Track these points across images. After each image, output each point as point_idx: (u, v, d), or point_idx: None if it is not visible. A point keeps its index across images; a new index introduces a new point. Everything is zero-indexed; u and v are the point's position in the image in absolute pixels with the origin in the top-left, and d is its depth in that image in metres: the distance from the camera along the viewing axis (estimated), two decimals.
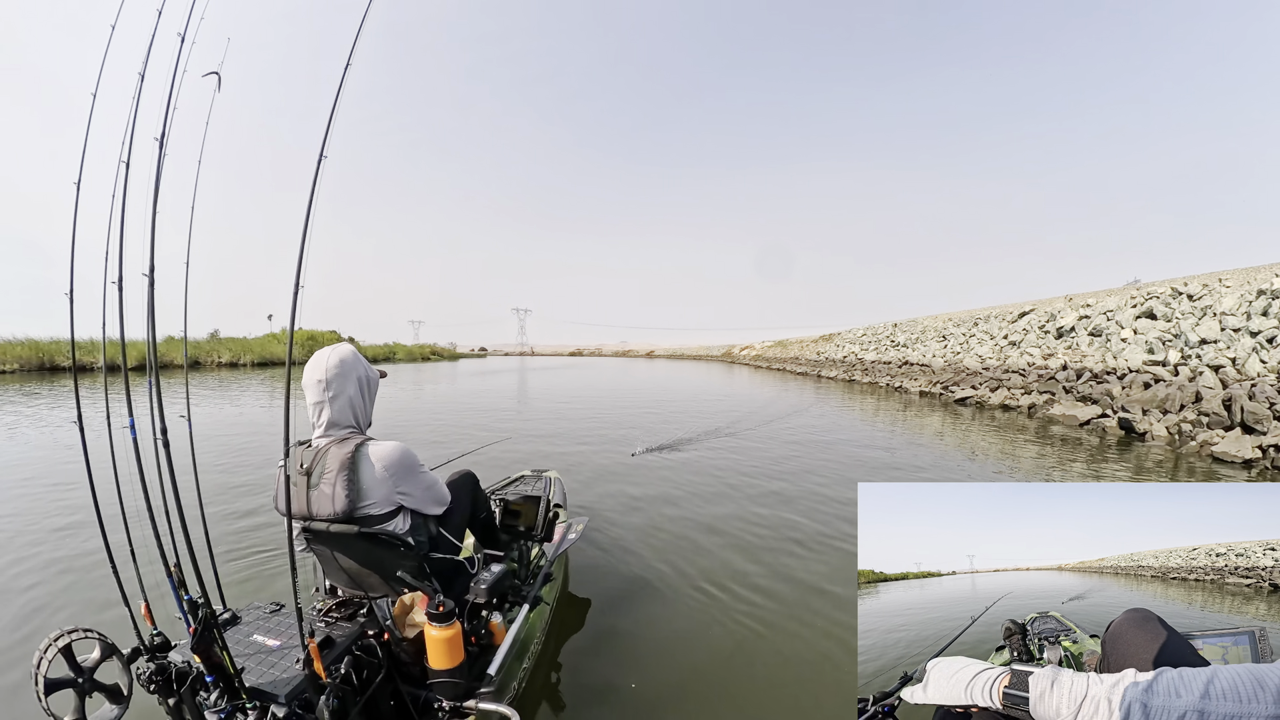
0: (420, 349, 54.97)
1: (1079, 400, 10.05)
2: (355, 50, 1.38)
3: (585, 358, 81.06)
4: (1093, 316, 14.84)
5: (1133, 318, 13.16)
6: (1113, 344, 12.36)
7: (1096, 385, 10.21)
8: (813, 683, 2.18)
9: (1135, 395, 9.05)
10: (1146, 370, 9.95)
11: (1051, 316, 17.22)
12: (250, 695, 1.30)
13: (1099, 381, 10.45)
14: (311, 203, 1.26)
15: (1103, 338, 13.10)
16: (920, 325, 29.04)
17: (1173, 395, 8.39)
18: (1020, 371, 13.34)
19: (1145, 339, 11.70)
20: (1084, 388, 10.31)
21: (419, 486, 1.65)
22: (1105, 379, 10.39)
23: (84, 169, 1.41)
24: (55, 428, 7.96)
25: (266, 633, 1.52)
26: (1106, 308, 14.92)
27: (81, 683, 1.35)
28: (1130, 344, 11.90)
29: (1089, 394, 9.97)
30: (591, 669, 2.24)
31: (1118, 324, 13.23)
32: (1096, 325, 13.87)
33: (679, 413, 10.80)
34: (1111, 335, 12.82)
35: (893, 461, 6.44)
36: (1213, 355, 9.59)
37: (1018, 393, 11.76)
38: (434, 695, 1.53)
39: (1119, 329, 12.93)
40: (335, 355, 1.63)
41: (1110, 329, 13.17)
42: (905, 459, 6.53)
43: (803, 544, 3.70)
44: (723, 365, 43.68)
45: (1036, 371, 12.70)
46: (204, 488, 1.83)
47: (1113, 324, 13.39)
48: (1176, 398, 8.29)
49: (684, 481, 5.32)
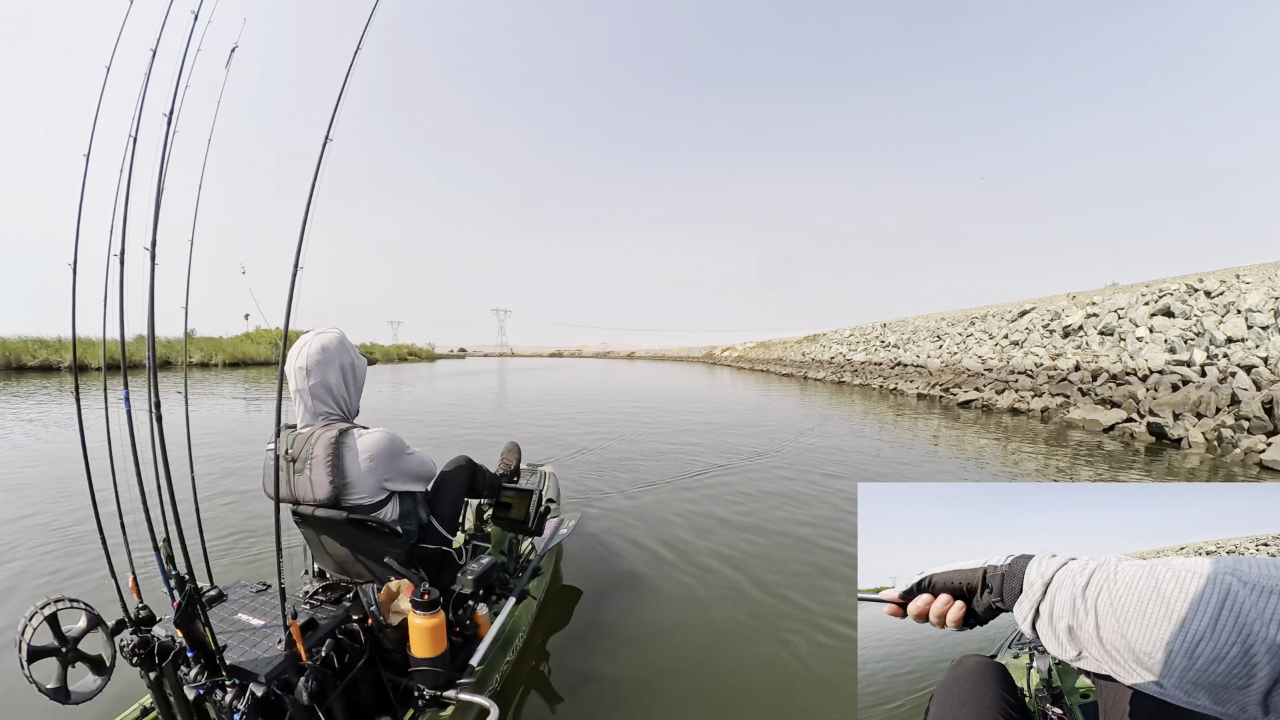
0: (398, 349, 55.15)
1: (1098, 403, 9.60)
2: (366, 35, 1.38)
3: (566, 359, 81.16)
4: (1101, 314, 14.44)
5: (1148, 315, 12.71)
6: (1128, 343, 11.91)
7: (1117, 387, 9.76)
8: (805, 679, 2.23)
9: (1164, 398, 8.50)
10: (1172, 370, 9.38)
11: (1055, 315, 16.82)
12: (230, 673, 1.31)
13: (1119, 383, 9.96)
14: (314, 186, 1.26)
15: (1115, 336, 12.70)
16: (911, 325, 28.95)
17: (1205, 398, 7.84)
18: (1027, 373, 12.88)
19: (1164, 337, 11.24)
20: (1103, 390, 9.86)
21: (404, 469, 1.68)
22: (1126, 380, 9.86)
23: (93, 141, 1.42)
24: (34, 422, 7.86)
25: (251, 612, 1.53)
26: (1117, 305, 14.52)
27: (65, 652, 1.37)
28: (1148, 343, 11.41)
29: (1109, 396, 9.53)
30: (576, 663, 2.31)
31: (1131, 321, 12.80)
32: (1107, 323, 13.47)
33: (676, 433, 8.64)
34: (1126, 334, 12.37)
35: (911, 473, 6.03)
36: (1242, 355, 9.06)
37: (1028, 395, 11.37)
38: (414, 683, 1.54)
39: (1133, 327, 12.49)
40: (318, 342, 1.63)
41: (1123, 327, 12.76)
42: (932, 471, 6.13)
43: (805, 542, 3.74)
44: (704, 367, 43.63)
45: (1046, 372, 12.23)
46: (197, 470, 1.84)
47: (1126, 322, 12.98)
48: (1210, 400, 7.76)
49: (685, 482, 5.28)
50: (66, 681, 1.39)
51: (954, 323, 24.01)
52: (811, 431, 8.69)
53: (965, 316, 24.57)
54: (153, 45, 1.45)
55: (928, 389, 14.98)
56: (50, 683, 1.36)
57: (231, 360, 30.48)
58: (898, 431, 8.99)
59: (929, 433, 8.77)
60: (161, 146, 1.39)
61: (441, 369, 35.56)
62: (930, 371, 17.07)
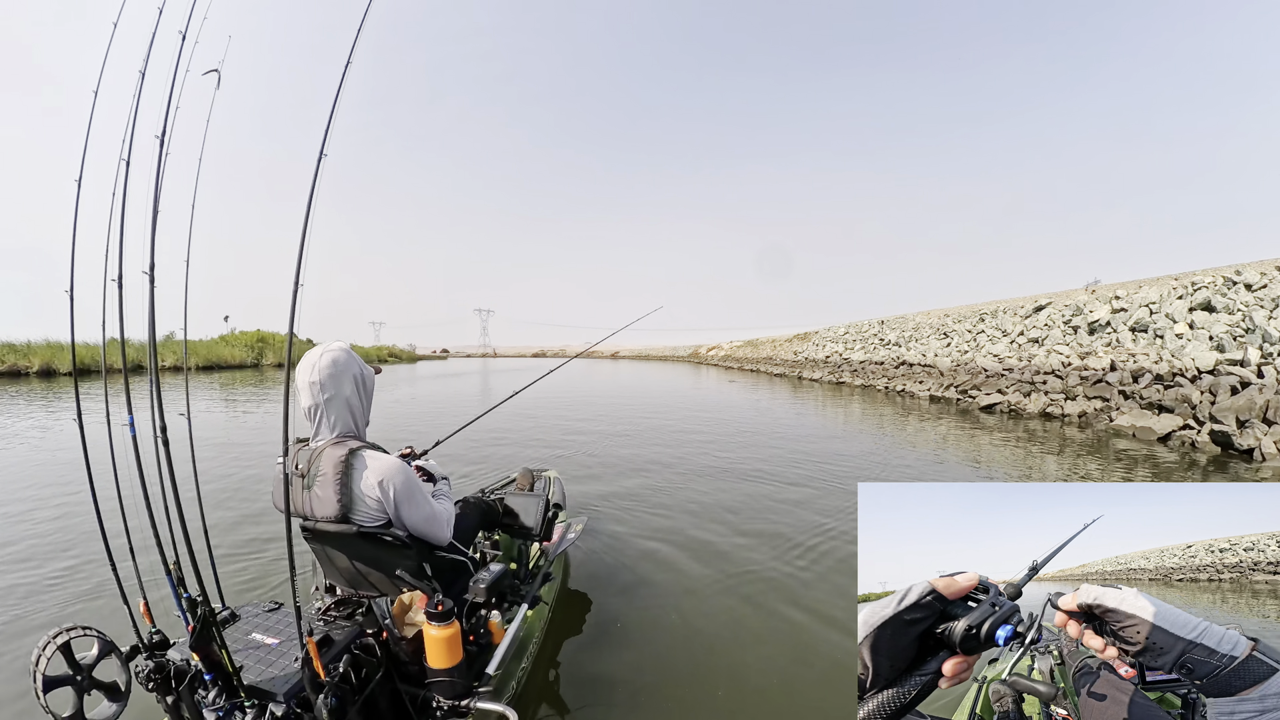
0: (377, 350, 55.19)
1: (1145, 407, 8.94)
2: (355, 49, 1.39)
3: (549, 359, 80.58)
4: (1131, 309, 13.71)
5: (1186, 310, 11.99)
6: (1167, 340, 11.22)
7: (1165, 390, 9.06)
8: (815, 683, 2.30)
9: (1224, 402, 7.78)
10: (1228, 371, 8.72)
11: (1077, 310, 16.00)
12: (249, 693, 1.32)
13: (1166, 385, 9.24)
14: (311, 200, 1.27)
15: (1150, 333, 12.07)
16: (912, 322, 28.29)
17: (1273, 401, 7.20)
18: (1055, 373, 12.22)
19: (1208, 334, 10.58)
20: (1149, 392, 9.19)
21: (417, 516, 1.69)
22: (1176, 382, 9.14)
23: (85, 166, 1.41)
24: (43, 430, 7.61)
25: (265, 631, 1.54)
26: (1147, 299, 13.82)
27: (80, 680, 1.39)
28: (1190, 340, 10.71)
29: (1158, 400, 8.84)
30: (590, 668, 2.39)
31: (1168, 317, 12.10)
32: (1139, 319, 12.82)
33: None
34: (1163, 330, 11.68)
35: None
36: None
37: (1059, 398, 10.72)
38: (432, 694, 1.55)
39: (1170, 323, 11.78)
40: (327, 356, 1.64)
41: (1158, 323, 12.12)
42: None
43: (808, 543, 3.76)
44: (690, 366, 43.21)
45: (1077, 373, 11.57)
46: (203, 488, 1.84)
47: (1161, 317, 12.30)
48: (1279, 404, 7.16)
49: (687, 482, 5.30)
50: (83, 709, 1.41)
51: (960, 319, 23.21)
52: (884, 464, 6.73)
53: (973, 312, 23.87)
54: (141, 67, 1.45)
55: (941, 391, 14.27)
56: (66, 711, 1.38)
57: (206, 364, 30.10)
58: (952, 446, 7.73)
59: (966, 443, 7.83)
60: (155, 167, 1.39)
61: (423, 370, 35.18)
62: (941, 371, 16.44)
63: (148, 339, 1.40)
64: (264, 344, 34.88)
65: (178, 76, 1.45)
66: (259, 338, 35.50)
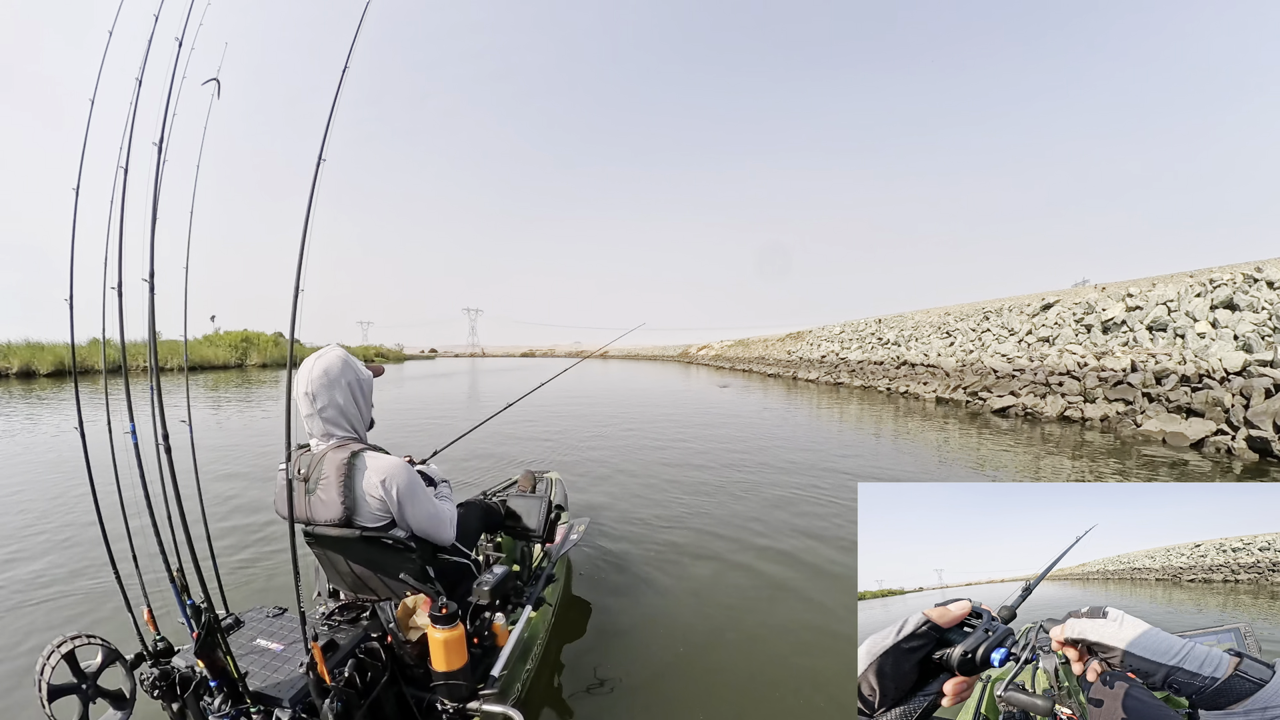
0: (365, 350, 54.92)
1: (1172, 411, 8.76)
2: (352, 54, 1.39)
3: (538, 358, 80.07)
4: (1146, 307, 13.42)
5: (1207, 308, 11.75)
6: (1188, 339, 10.96)
7: (1193, 392, 8.81)
8: (818, 684, 2.34)
9: (1259, 406, 7.46)
10: (1261, 373, 8.36)
11: (1089, 308, 15.68)
12: (254, 699, 1.33)
13: (1194, 387, 8.96)
14: (311, 204, 1.27)
15: (1169, 332, 11.83)
16: (911, 320, 27.93)
17: None
18: (1070, 374, 11.92)
19: (1233, 333, 10.34)
20: (1175, 395, 8.97)
21: (420, 515, 1.72)
22: (1204, 384, 8.85)
23: (82, 174, 1.41)
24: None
25: (269, 637, 1.55)
26: (1163, 297, 13.53)
27: (85, 689, 1.40)
28: (1214, 339, 10.44)
29: (1186, 403, 8.63)
30: (595, 669, 2.45)
31: (1188, 315, 11.88)
32: (1156, 317, 12.52)
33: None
34: (1184, 329, 11.43)
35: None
36: None
37: (1078, 401, 10.53)
38: (437, 697, 1.56)
39: (1191, 321, 11.55)
40: (320, 365, 1.65)
41: (1178, 322, 11.88)
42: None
43: (810, 544, 3.83)
44: (680, 366, 43.07)
45: (1095, 374, 11.25)
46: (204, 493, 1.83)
47: (1180, 315, 12.08)
48: None
49: (688, 483, 5.31)
50: (88, 718, 1.39)
51: (963, 318, 22.82)
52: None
53: (976, 310, 23.46)
54: (138, 74, 1.45)
55: (947, 392, 13.98)
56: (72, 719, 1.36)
57: (190, 365, 29.87)
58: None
59: (1005, 454, 7.33)
60: (154, 174, 1.38)
61: (411, 371, 34.89)
62: (947, 372, 16.03)
63: (148, 347, 1.40)
64: (249, 344, 34.56)
65: (175, 83, 1.44)
66: (244, 338, 35.15)
